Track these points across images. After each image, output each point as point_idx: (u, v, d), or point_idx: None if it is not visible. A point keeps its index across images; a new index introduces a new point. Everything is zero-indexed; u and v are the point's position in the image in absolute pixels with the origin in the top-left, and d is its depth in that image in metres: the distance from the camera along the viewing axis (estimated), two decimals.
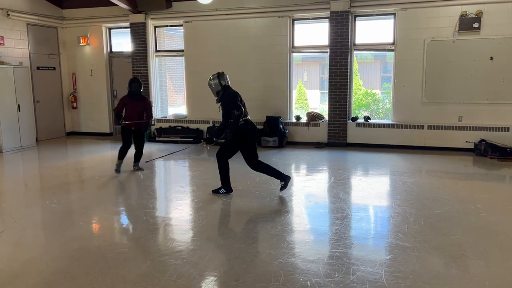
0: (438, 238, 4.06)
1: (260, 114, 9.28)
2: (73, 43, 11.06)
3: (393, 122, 9.01)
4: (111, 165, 7.22)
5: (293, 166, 7.73)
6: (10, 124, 9.02)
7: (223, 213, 5.16)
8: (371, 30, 9.36)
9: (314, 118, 9.53)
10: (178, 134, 10.28)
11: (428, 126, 8.69)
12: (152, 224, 4.59)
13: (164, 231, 4.45)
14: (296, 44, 9.56)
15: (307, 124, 9.53)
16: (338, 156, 8.41)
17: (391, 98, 9.21)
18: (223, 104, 5.40)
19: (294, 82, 10.34)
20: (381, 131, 9.04)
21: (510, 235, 4.20)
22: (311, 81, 13.88)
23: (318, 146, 9.24)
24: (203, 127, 10.21)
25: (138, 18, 10.20)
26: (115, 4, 9.69)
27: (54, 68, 10.94)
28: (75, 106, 11.35)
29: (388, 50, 9.06)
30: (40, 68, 10.49)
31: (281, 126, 9.33)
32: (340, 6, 8.76)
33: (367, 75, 13.13)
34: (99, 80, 11.06)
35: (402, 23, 8.63)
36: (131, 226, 4.69)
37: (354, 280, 3.22)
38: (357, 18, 9.04)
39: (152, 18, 10.28)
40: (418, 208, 4.93)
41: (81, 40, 10.89)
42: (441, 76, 8.49)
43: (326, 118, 9.43)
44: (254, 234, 4.29)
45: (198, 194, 5.77)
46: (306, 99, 12.40)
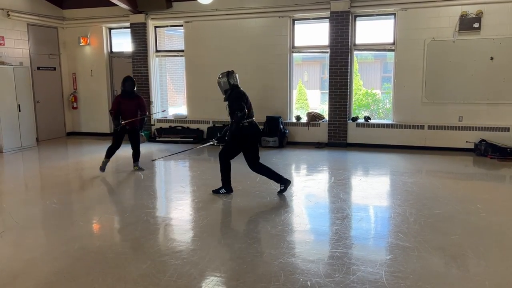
0: (438, 238, 4.06)
1: (260, 114, 9.24)
2: (73, 43, 11.06)
3: (393, 122, 9.01)
4: (111, 165, 7.23)
5: (293, 166, 7.73)
6: (10, 124, 9.03)
7: (224, 213, 5.16)
8: (371, 30, 9.36)
9: (314, 118, 9.53)
10: (178, 134, 10.28)
11: (428, 126, 8.69)
12: (152, 224, 4.60)
13: (164, 231, 4.46)
14: (296, 44, 9.56)
15: (307, 124, 9.53)
16: (339, 156, 8.42)
17: (391, 98, 9.21)
18: (229, 103, 5.37)
19: (294, 82, 10.34)
20: (381, 131, 9.04)
21: (510, 235, 4.20)
22: (311, 81, 13.87)
23: (319, 146, 9.24)
24: (203, 127, 10.22)
25: (139, 18, 10.21)
26: (115, 4, 9.70)
27: (55, 68, 10.95)
28: (75, 106, 11.36)
29: (389, 50, 9.06)
30: (40, 68, 10.49)
31: (281, 126, 9.33)
32: (340, 6, 8.76)
33: (367, 75, 13.13)
34: (99, 80, 11.07)
35: (402, 23, 8.63)
36: (132, 226, 4.69)
37: (355, 280, 3.22)
38: (357, 18, 9.04)
39: (152, 18, 10.28)
40: (418, 208, 4.93)
41: (81, 40, 10.90)
42: (441, 76, 8.49)
43: (326, 118, 9.44)
44: (255, 234, 4.30)
45: (198, 194, 5.78)
46: (306, 99, 12.40)
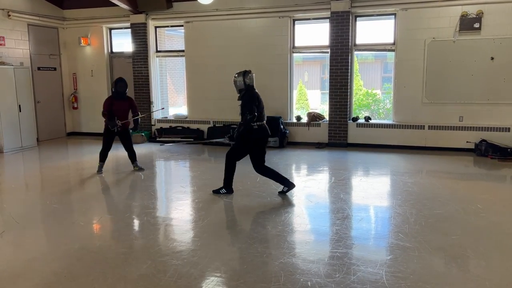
0: (439, 238, 4.06)
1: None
2: (73, 43, 11.07)
3: (393, 122, 9.01)
4: (112, 165, 7.24)
5: (293, 166, 7.73)
6: (11, 125, 9.04)
7: (224, 213, 5.16)
8: (372, 30, 9.36)
9: (314, 118, 9.53)
10: (178, 134, 10.28)
11: (428, 126, 8.69)
12: (152, 224, 4.60)
13: (164, 231, 4.46)
14: (296, 44, 9.56)
15: (307, 124, 9.53)
16: (339, 156, 8.41)
17: (392, 98, 9.21)
18: (242, 103, 5.34)
19: (295, 82, 10.34)
20: (381, 131, 9.04)
21: (510, 235, 4.20)
22: (311, 81, 13.89)
23: (319, 146, 9.24)
24: (204, 128, 10.22)
25: (139, 18, 10.21)
26: (115, 5, 9.70)
27: (55, 69, 10.95)
28: (75, 106, 11.36)
29: (389, 50, 9.06)
30: (41, 69, 10.50)
31: (281, 126, 9.33)
32: (340, 6, 8.76)
33: (367, 75, 13.15)
34: (99, 81, 11.07)
35: (402, 23, 8.63)
36: (132, 226, 4.70)
37: (355, 280, 3.22)
38: (357, 18, 9.04)
39: (152, 19, 10.29)
40: (419, 208, 4.93)
41: (81, 41, 10.91)
42: (441, 76, 8.49)
43: (327, 118, 9.43)
44: (255, 234, 4.29)
45: (198, 194, 5.78)
46: (306, 99, 12.42)
